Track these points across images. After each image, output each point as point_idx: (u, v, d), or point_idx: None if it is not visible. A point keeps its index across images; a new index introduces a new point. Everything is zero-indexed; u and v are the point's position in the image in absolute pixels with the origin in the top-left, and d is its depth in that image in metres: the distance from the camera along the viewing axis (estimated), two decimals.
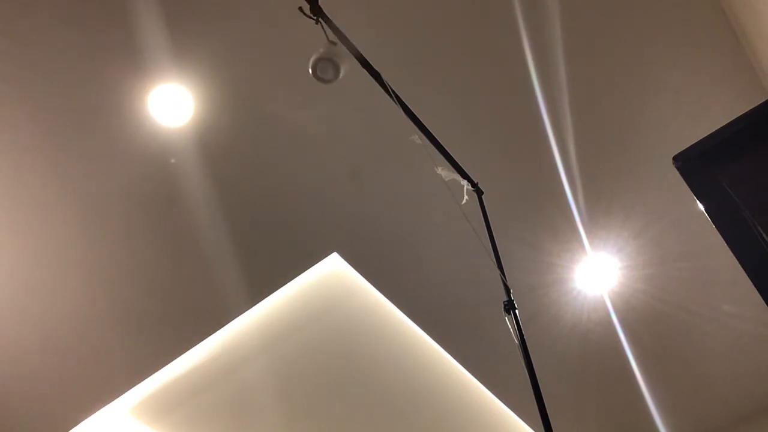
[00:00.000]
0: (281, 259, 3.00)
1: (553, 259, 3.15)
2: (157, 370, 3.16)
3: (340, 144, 2.71)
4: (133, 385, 3.17)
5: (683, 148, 1.03)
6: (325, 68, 1.89)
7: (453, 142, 2.29)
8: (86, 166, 2.56)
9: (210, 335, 3.12)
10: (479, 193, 2.34)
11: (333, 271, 3.10)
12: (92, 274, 2.86)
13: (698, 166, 1.01)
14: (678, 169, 1.03)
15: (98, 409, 3.21)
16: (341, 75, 1.91)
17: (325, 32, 1.89)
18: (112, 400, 3.19)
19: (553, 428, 1.55)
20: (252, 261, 2.96)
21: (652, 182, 2.87)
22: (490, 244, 2.15)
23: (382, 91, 2.05)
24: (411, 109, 2.11)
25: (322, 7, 1.89)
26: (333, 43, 1.90)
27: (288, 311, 3.18)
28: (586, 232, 3.04)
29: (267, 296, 3.08)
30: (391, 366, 3.43)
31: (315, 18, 1.86)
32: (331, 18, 1.91)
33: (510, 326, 1.81)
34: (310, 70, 1.89)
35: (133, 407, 3.28)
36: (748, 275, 0.99)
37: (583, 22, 2.46)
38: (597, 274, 3.21)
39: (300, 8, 1.84)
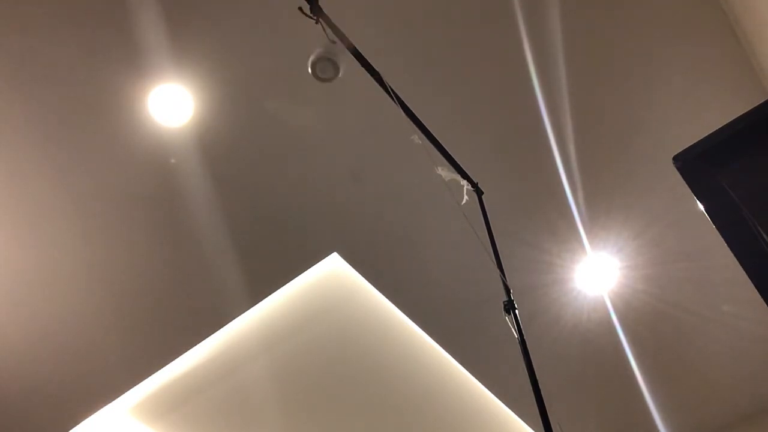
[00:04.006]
0: (281, 259, 3.00)
1: (553, 259, 3.15)
2: (157, 370, 3.16)
3: (340, 144, 2.71)
4: (133, 385, 3.17)
5: (683, 148, 1.03)
6: (325, 67, 1.89)
7: (453, 142, 2.29)
8: (86, 166, 2.56)
9: (210, 335, 3.12)
10: (479, 193, 2.34)
11: (333, 271, 3.10)
12: (92, 274, 2.86)
13: (698, 166, 1.01)
14: (678, 169, 1.02)
15: (98, 409, 3.21)
16: (340, 73, 1.91)
17: (325, 32, 1.89)
18: (112, 400, 3.19)
19: (552, 428, 1.55)
20: (252, 261, 2.96)
21: (652, 182, 2.87)
22: (490, 244, 2.15)
23: (382, 91, 2.05)
24: (411, 109, 2.11)
25: (321, 7, 1.89)
26: (333, 41, 1.90)
27: (288, 311, 3.18)
28: (586, 232, 3.04)
29: (267, 296, 3.08)
30: (391, 366, 3.43)
31: (315, 18, 1.86)
32: (331, 18, 1.91)
33: (510, 326, 1.81)
34: (310, 69, 1.88)
35: (133, 407, 3.28)
36: (748, 275, 0.99)
37: (583, 22, 2.46)
38: (597, 274, 3.21)
39: (300, 8, 1.84)
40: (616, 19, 2.47)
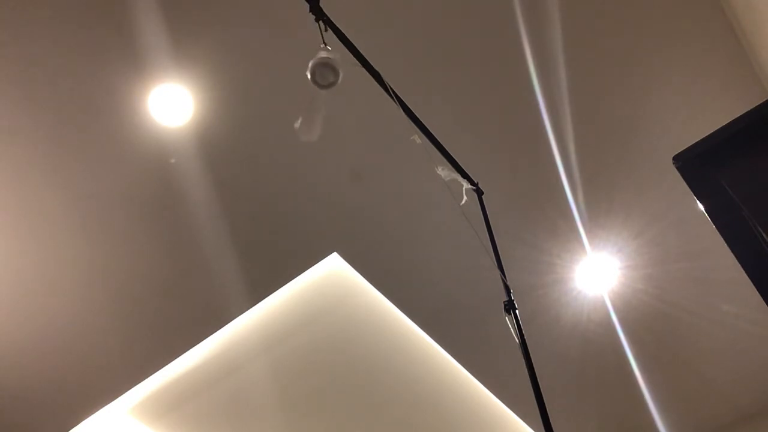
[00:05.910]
0: (281, 259, 3.00)
1: (553, 259, 3.15)
2: (157, 370, 3.16)
3: (340, 144, 2.71)
4: (133, 385, 3.17)
5: (683, 148, 1.03)
6: (325, 74, 1.87)
7: (453, 142, 2.29)
8: (86, 166, 2.56)
9: (210, 335, 3.12)
10: (479, 193, 2.34)
11: (333, 271, 3.10)
12: (92, 274, 2.86)
13: (698, 166, 1.01)
14: (678, 169, 1.03)
15: (98, 409, 3.22)
16: (339, 79, 1.90)
17: (322, 34, 1.89)
18: (112, 400, 3.19)
19: (553, 428, 1.55)
20: (252, 261, 2.96)
21: (652, 182, 2.87)
22: (490, 244, 2.15)
23: (382, 91, 2.05)
24: (411, 109, 2.11)
25: (322, 7, 1.88)
26: (325, 46, 1.88)
27: (288, 311, 3.18)
28: (586, 232, 3.04)
29: (267, 296, 3.08)
30: (391, 366, 3.43)
31: (316, 19, 1.86)
32: (331, 17, 1.91)
33: (510, 326, 1.81)
34: (309, 75, 1.87)
35: (133, 407, 3.28)
36: (748, 275, 0.99)
37: (583, 22, 2.46)
38: (597, 274, 3.21)
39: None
40: (615, 19, 2.47)
